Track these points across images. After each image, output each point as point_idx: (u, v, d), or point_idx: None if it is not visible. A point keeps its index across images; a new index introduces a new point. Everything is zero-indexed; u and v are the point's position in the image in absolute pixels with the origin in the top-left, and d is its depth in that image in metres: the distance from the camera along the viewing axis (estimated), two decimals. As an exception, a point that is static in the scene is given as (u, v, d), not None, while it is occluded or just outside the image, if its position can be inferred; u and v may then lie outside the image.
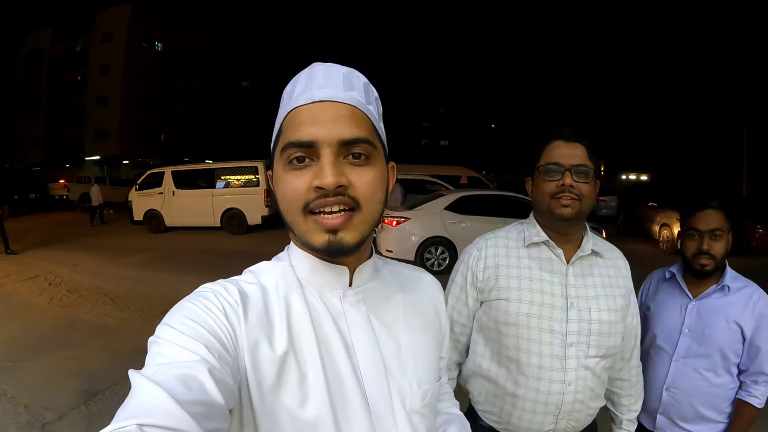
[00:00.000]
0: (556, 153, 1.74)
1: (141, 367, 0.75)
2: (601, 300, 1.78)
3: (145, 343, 0.79)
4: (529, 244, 1.83)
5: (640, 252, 13.92)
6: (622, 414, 2.03)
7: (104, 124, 49.92)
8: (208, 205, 16.58)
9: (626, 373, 1.99)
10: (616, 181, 59.22)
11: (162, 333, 0.79)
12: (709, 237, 2.13)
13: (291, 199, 0.89)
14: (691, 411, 2.21)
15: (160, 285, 9.32)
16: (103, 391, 4.88)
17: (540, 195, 1.77)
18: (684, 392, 2.22)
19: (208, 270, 10.73)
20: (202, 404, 0.69)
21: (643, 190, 23.39)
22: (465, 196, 11.35)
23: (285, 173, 0.90)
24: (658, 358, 2.31)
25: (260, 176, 16.52)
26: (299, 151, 0.88)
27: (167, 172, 17.02)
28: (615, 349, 1.81)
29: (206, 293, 0.89)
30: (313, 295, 0.97)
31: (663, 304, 2.36)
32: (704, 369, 2.18)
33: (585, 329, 1.73)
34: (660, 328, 2.33)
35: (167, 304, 5.03)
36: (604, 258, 1.87)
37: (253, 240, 15.42)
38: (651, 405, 2.29)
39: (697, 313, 2.22)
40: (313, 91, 0.91)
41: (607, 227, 13.04)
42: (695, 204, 2.20)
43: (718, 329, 2.15)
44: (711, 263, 2.13)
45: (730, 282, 2.18)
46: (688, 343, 2.21)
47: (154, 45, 54.17)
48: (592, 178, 1.72)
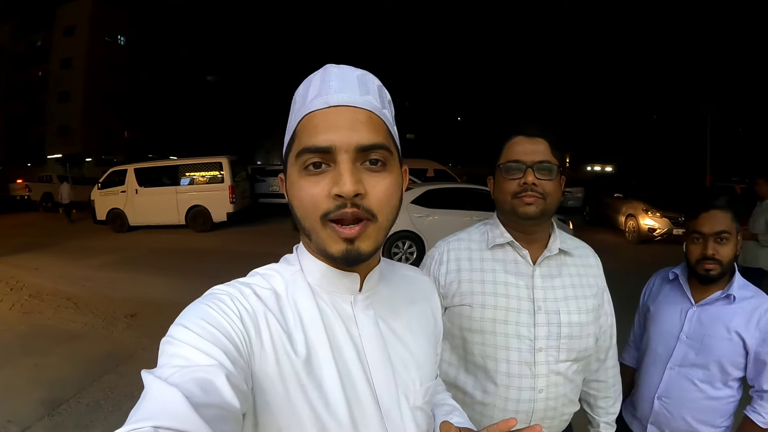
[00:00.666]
0: (517, 150, 1.68)
1: (106, 374, 0.68)
2: (571, 301, 1.71)
3: (110, 348, 0.72)
4: (493, 245, 1.76)
5: (606, 242, 14.13)
6: (599, 417, 1.95)
7: (66, 121, 48.93)
8: (173, 202, 16.38)
9: (602, 374, 1.91)
10: (582, 173, 59.99)
11: (178, 334, 0.79)
12: (714, 240, 2.02)
13: (310, 207, 0.88)
14: (682, 424, 2.12)
15: (124, 287, 9.13)
16: (68, 401, 4.74)
17: (502, 194, 1.71)
18: (676, 403, 2.13)
19: (174, 270, 10.70)
20: (218, 409, 0.69)
21: (608, 182, 23.81)
22: (432, 190, 11.37)
23: (301, 179, 0.89)
24: (652, 364, 2.23)
25: (225, 172, 16.38)
26: (316, 156, 0.87)
27: (130, 169, 16.77)
28: (588, 351, 1.75)
29: (222, 296, 0.88)
30: (324, 300, 0.98)
31: (663, 307, 2.26)
32: (700, 380, 2.08)
33: (554, 333, 1.66)
34: (657, 331, 2.24)
35: (132, 307, 4.96)
36: (573, 256, 1.81)
37: (218, 238, 15.30)
38: (642, 412, 2.23)
39: (697, 320, 2.11)
40: (328, 94, 0.90)
41: (573, 218, 13.13)
42: (699, 205, 2.09)
43: (718, 339, 2.04)
44: (717, 268, 2.02)
45: (736, 291, 2.06)
46: (685, 350, 2.12)
47: (117, 39, 53.12)
48: (556, 174, 1.65)
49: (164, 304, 7.88)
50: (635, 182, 19.21)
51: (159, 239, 14.88)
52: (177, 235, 15.52)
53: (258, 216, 19.55)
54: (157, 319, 7.14)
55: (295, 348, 0.89)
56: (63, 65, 49.84)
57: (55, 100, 49.88)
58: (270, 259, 4.27)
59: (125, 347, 6.10)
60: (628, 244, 14.25)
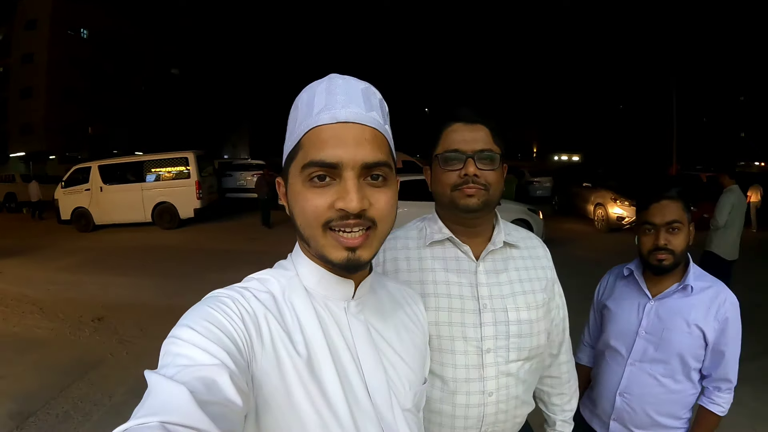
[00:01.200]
0: (455, 138, 1.55)
1: (75, 382, 0.63)
2: (519, 297, 1.61)
3: (78, 354, 0.66)
4: (431, 242, 1.64)
5: (576, 231, 14.28)
6: (554, 414, 1.88)
7: (29, 118, 47.89)
8: (138, 199, 16.16)
9: (555, 370, 1.83)
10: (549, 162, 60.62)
11: (182, 334, 0.80)
12: (666, 230, 2.00)
13: (312, 217, 0.91)
14: (645, 418, 2.10)
15: (91, 289, 8.96)
16: (36, 412, 4.60)
17: (440, 187, 1.58)
18: (638, 398, 2.10)
19: (141, 269, 10.57)
20: (222, 406, 0.70)
21: (576, 171, 24.08)
22: (401, 182, 11.23)
23: (305, 190, 0.92)
24: (613, 361, 2.20)
25: (191, 167, 16.20)
26: (321, 170, 0.90)
27: (94, 166, 16.46)
28: (540, 349, 1.66)
29: (223, 299, 0.89)
30: (320, 305, 1.00)
31: (620, 303, 2.23)
32: (661, 375, 2.07)
33: (502, 332, 1.56)
34: (615, 328, 2.21)
35: (99, 310, 4.82)
36: (519, 248, 1.70)
37: (186, 234, 15.16)
38: (604, 410, 2.21)
39: (655, 315, 2.10)
40: (336, 109, 0.92)
41: (542, 208, 13.20)
42: (650, 195, 2.07)
43: (678, 333, 2.03)
44: (670, 258, 2.00)
45: (693, 281, 2.05)
46: (645, 346, 2.10)
47: (79, 32, 52.12)
48: (498, 163, 1.54)
49: (132, 306, 7.79)
50: (603, 171, 19.49)
51: (125, 238, 14.67)
52: (143, 233, 15.32)
53: (226, 211, 19.41)
54: (125, 322, 7.04)
55: (296, 348, 0.91)
56: (24, 60, 48.73)
57: (17, 97, 48.82)
58: (240, 255, 4.25)
59: (93, 353, 5.97)
60: (597, 232, 14.44)
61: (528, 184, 24.75)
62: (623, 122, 66.22)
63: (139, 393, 4.82)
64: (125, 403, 4.69)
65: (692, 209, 2.02)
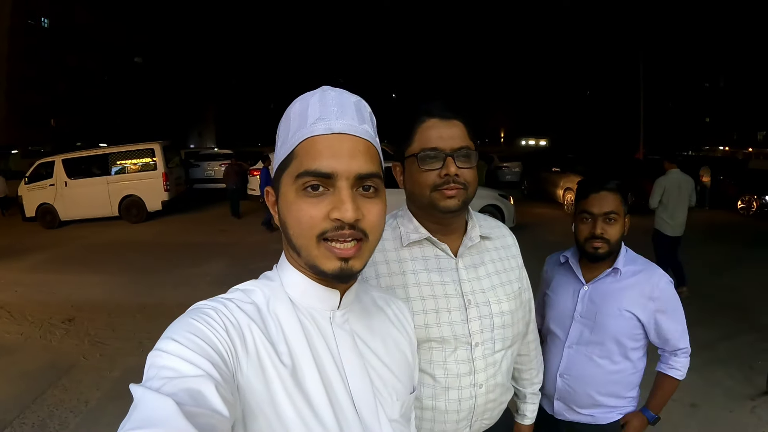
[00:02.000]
0: (432, 135, 1.51)
1: (49, 388, 0.59)
2: (498, 289, 1.65)
3: (50, 359, 0.62)
4: (409, 243, 1.61)
5: (545, 215, 14.48)
6: (525, 388, 1.99)
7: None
8: (104, 193, 15.88)
9: (524, 348, 1.91)
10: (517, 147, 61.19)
11: (166, 346, 0.79)
12: (602, 220, 2.08)
13: (306, 227, 0.91)
14: (586, 398, 2.19)
15: (61, 289, 8.77)
16: (11, 423, 4.50)
17: (418, 187, 1.54)
18: (577, 379, 2.19)
19: (110, 266, 10.41)
20: (210, 417, 0.70)
21: (545, 156, 24.38)
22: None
23: (299, 199, 0.92)
24: (552, 345, 2.28)
25: (158, 159, 16.00)
26: (316, 180, 0.91)
27: (58, 161, 16.08)
28: (519, 336, 1.74)
29: (207, 311, 0.89)
30: (304, 315, 1.00)
31: (557, 290, 2.32)
32: (598, 356, 2.15)
33: (488, 325, 1.59)
34: (553, 313, 2.30)
35: (69, 311, 4.71)
36: (492, 240, 1.73)
37: (155, 228, 14.99)
38: (548, 390, 2.29)
39: (589, 299, 2.18)
40: (330, 120, 0.93)
41: (512, 192, 13.39)
42: (589, 186, 2.14)
43: (611, 317, 2.11)
44: (604, 247, 2.08)
45: (623, 265, 2.14)
46: (580, 329, 2.19)
47: (40, 21, 50.99)
48: (475, 160, 1.53)
49: (103, 305, 7.68)
50: (573, 156, 19.76)
51: (92, 234, 14.42)
52: (111, 228, 15.08)
53: (194, 202, 19.22)
54: (96, 322, 6.95)
55: (281, 359, 0.91)
56: (-18, 51, 47.63)
57: (-25, 89, 47.71)
58: (211, 247, 4.18)
59: (66, 356, 5.86)
60: (566, 216, 14.56)
61: (497, 170, 24.99)
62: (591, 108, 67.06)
63: (114, 397, 4.70)
64: (102, 409, 4.61)
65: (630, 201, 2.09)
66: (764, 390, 4.83)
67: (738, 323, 6.56)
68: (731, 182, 16.24)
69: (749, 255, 10.46)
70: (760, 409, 4.58)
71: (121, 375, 5.33)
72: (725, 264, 9.74)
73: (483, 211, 11.19)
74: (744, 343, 6.00)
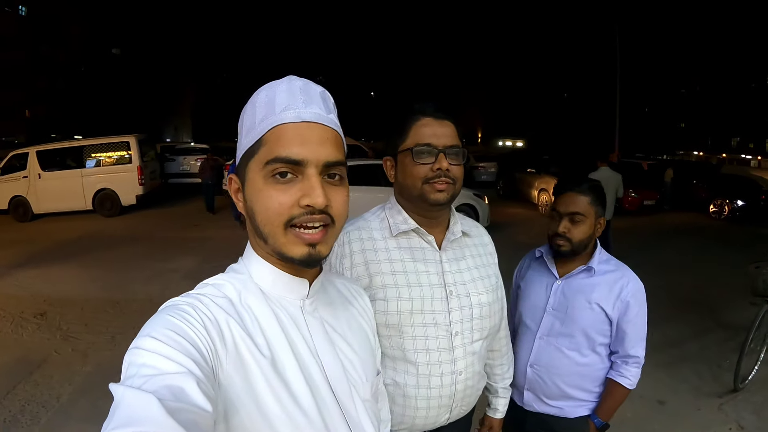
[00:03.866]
0: (426, 132, 1.64)
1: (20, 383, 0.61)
2: (478, 282, 1.77)
3: (21, 353, 0.64)
4: (398, 233, 1.73)
5: (520, 216, 14.62)
6: (496, 383, 2.07)
7: (-39, 101, 45.90)
8: (78, 186, 15.61)
9: (496, 344, 2.00)
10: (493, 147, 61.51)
11: (145, 344, 0.79)
12: (567, 219, 2.16)
13: (274, 213, 0.94)
14: (555, 389, 2.25)
15: (32, 283, 8.68)
16: (-18, 419, 4.49)
17: (410, 179, 1.66)
18: (546, 370, 2.26)
19: (83, 260, 10.30)
20: (192, 413, 0.71)
21: (521, 157, 24.55)
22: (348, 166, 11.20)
23: (267, 186, 0.95)
24: (524, 336, 2.35)
25: (133, 152, 15.79)
26: (285, 167, 0.94)
27: (32, 152, 15.78)
28: (496, 328, 1.85)
29: (184, 307, 0.90)
30: (276, 305, 1.02)
31: (531, 283, 2.39)
32: (567, 348, 2.22)
33: (467, 315, 1.71)
34: (526, 306, 2.37)
35: (41, 305, 4.82)
36: (471, 237, 1.87)
37: (128, 222, 14.82)
38: (518, 380, 2.34)
39: (561, 293, 2.25)
40: (299, 108, 0.97)
41: (487, 192, 13.45)
42: (562, 186, 2.24)
43: (580, 310, 2.18)
44: (567, 245, 2.16)
45: (597, 265, 2.21)
46: (552, 321, 2.26)
47: (17, 9, 50.17)
48: (463, 158, 1.67)
49: (75, 299, 7.62)
50: (548, 158, 19.95)
51: (66, 227, 14.20)
52: (84, 222, 14.88)
53: (169, 197, 19.01)
54: (68, 317, 6.90)
55: (260, 350, 0.94)
56: (-44, 39, 46.72)
57: (-53, 78, 46.82)
58: (185, 242, 4.24)
59: (37, 351, 5.81)
60: (541, 217, 14.80)
61: (473, 169, 24.97)
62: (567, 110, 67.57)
63: (86, 391, 4.69)
64: (74, 404, 4.58)
65: (632, 194, 2.13)
66: (731, 388, 4.92)
67: (706, 321, 6.72)
68: (704, 186, 16.52)
69: (719, 256, 10.70)
70: (727, 407, 4.68)
71: (94, 369, 5.30)
72: (694, 263, 10.02)
73: (458, 209, 11.10)
74: (712, 341, 6.13)
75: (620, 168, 13.94)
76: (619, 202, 10.48)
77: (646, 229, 13.62)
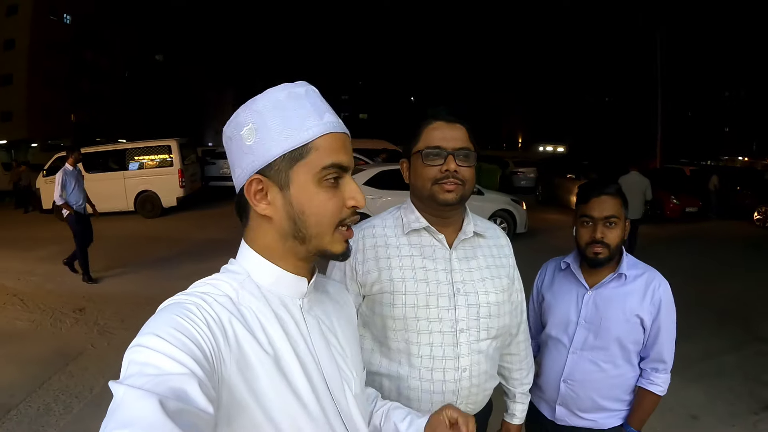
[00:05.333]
0: (436, 135, 1.69)
1: (56, 374, 0.61)
2: (488, 282, 1.78)
3: (58, 346, 0.64)
4: (409, 231, 1.78)
5: (559, 222, 14.38)
6: (515, 388, 2.06)
7: (9, 105, 47.01)
8: (121, 188, 15.99)
9: (515, 348, 2.01)
10: (534, 153, 60.96)
11: (149, 342, 0.79)
12: (603, 224, 2.09)
13: (329, 215, 1.02)
14: (589, 402, 2.21)
15: (73, 280, 8.87)
16: (17, 406, 4.55)
17: (421, 180, 1.72)
18: (581, 384, 2.20)
19: (122, 259, 10.47)
20: (193, 416, 0.71)
21: (560, 162, 24.29)
22: (384, 171, 11.37)
23: (321, 190, 1.01)
24: (555, 350, 2.29)
25: (174, 155, 16.08)
26: (338, 172, 1.02)
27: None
28: (505, 328, 1.85)
29: (188, 305, 0.90)
30: (275, 304, 1.04)
31: (559, 295, 2.32)
32: (602, 361, 2.16)
33: (474, 314, 1.73)
34: (556, 319, 2.30)
35: (79, 301, 4.81)
36: (486, 238, 1.87)
37: (169, 223, 15.07)
38: (549, 395, 2.31)
39: (593, 304, 2.18)
40: (334, 118, 1.04)
41: (526, 198, 13.27)
42: (591, 190, 2.15)
43: (615, 321, 2.12)
44: (605, 252, 2.09)
45: (626, 270, 2.15)
46: (585, 334, 2.19)
47: (62, 18, 51.51)
48: (474, 161, 1.71)
49: (113, 297, 7.75)
50: (588, 163, 19.67)
51: (107, 227, 14.37)
52: (125, 222, 15.18)
53: (208, 200, 19.23)
54: (106, 313, 7.01)
55: (263, 348, 0.95)
56: (6, 47, 48.03)
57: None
58: (222, 243, 4.28)
59: (74, 345, 5.91)
60: (579, 223, 14.40)
61: (512, 175, 24.90)
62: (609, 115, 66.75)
63: (119, 385, 4.80)
64: (106, 396, 4.52)
65: (674, 201, 2.06)
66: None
67: (745, 334, 6.44)
68: (748, 193, 16.09)
69: (762, 266, 10.27)
70: (763, 424, 4.46)
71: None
72: (734, 273, 9.64)
73: (495, 215, 11.21)
74: (749, 355, 5.85)
75: (661, 174, 13.81)
76: (648, 205, 10.73)
77: (686, 237, 13.28)
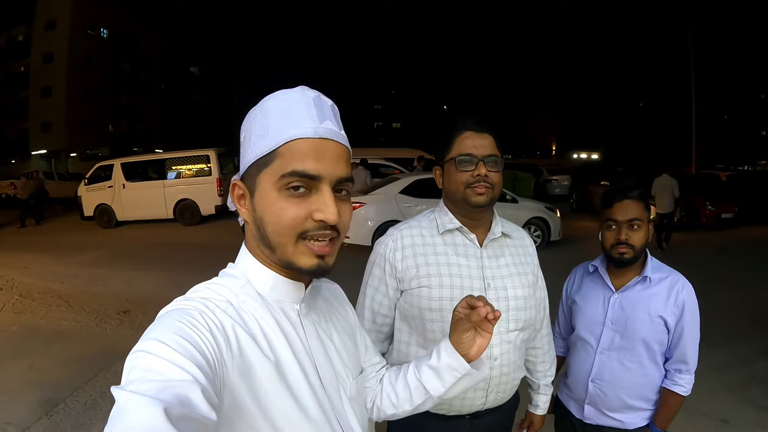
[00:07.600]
0: (467, 144, 1.82)
1: (101, 371, 0.70)
2: (515, 277, 1.92)
3: (104, 346, 0.74)
4: (444, 231, 1.92)
5: (593, 229, 14.07)
6: (538, 380, 2.20)
7: (49, 117, 48.17)
8: (160, 196, 16.31)
9: (539, 342, 2.14)
10: (568, 160, 60.15)
11: (152, 348, 0.78)
12: (627, 227, 2.17)
13: (287, 225, 0.96)
14: (617, 401, 2.28)
15: (114, 283, 9.08)
16: (64, 400, 4.71)
17: (454, 185, 1.84)
18: (609, 384, 2.28)
19: (164, 264, 10.64)
20: (197, 423, 0.71)
21: (594, 170, 23.98)
22: (420, 180, 11.34)
23: (282, 198, 0.96)
24: (583, 351, 2.37)
25: (212, 165, 16.32)
26: (300, 181, 0.95)
27: (116, 164, 16.65)
28: (531, 321, 1.96)
29: (191, 311, 0.89)
30: (274, 309, 1.04)
31: (587, 298, 2.40)
32: (629, 361, 2.23)
33: (503, 306, 1.85)
34: (584, 321, 2.38)
35: (123, 304, 5.12)
36: (512, 238, 2.02)
37: (207, 230, 15.27)
38: (578, 395, 2.39)
39: (619, 306, 2.26)
40: (315, 123, 0.98)
41: (560, 206, 13.23)
42: (614, 195, 2.25)
43: (641, 322, 2.19)
44: (630, 252, 2.17)
45: (651, 273, 2.22)
46: (612, 335, 2.27)
47: (99, 32, 52.49)
48: (501, 166, 1.84)
49: (156, 300, 7.75)
50: (622, 170, 19.44)
51: (147, 234, 14.77)
52: (165, 229, 15.44)
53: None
54: (150, 315, 6.96)
55: (264, 353, 0.96)
56: (45, 60, 49.10)
57: (38, 96, 49.20)
58: None
59: (119, 345, 5.99)
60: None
61: (546, 182, 24.78)
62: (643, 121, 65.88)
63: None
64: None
65: (709, 208, 2.12)
66: None
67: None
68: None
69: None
70: None
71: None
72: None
73: (529, 223, 11.19)
74: None
75: (696, 180, 14.06)
76: (677, 202, 12.52)
77: (721, 243, 13.13)
